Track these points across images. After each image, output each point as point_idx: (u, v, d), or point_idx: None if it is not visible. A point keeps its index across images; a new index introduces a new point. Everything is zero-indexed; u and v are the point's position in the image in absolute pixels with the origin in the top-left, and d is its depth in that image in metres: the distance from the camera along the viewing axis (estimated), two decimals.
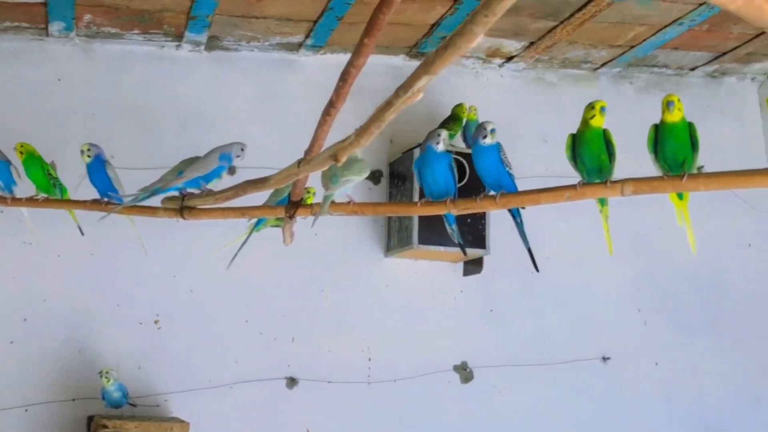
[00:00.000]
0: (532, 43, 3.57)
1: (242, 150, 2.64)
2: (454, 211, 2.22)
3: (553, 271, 3.68)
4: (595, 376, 3.65)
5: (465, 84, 3.79)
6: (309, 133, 3.39)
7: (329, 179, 2.35)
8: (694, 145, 2.07)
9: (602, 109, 2.19)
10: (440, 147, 2.44)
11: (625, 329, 3.71)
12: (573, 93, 3.87)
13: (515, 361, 3.58)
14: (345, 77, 1.62)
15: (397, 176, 3.50)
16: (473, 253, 3.41)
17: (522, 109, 3.80)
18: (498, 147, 2.36)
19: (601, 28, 3.42)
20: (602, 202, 2.25)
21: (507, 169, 2.34)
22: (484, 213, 3.42)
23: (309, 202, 2.64)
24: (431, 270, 3.57)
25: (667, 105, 2.09)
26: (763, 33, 3.58)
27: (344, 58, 3.58)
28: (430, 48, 3.58)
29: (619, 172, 2.27)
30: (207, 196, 2.28)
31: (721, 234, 3.90)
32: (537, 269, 2.75)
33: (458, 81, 3.79)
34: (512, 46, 3.61)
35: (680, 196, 2.12)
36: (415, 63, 3.72)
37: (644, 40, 3.54)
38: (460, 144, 3.56)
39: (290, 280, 3.42)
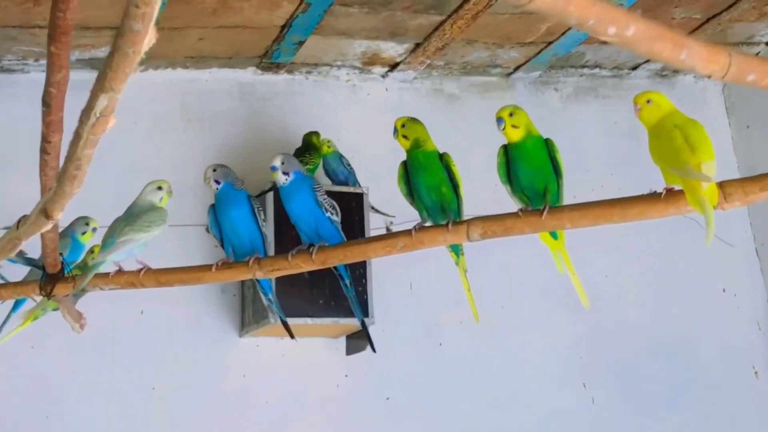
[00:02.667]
0: (418, 45, 3.53)
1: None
2: (260, 274, 2.14)
3: (467, 339, 3.58)
4: None
5: (339, 102, 3.75)
6: (123, 174, 3.32)
7: (103, 242, 2.23)
8: (556, 168, 2.02)
9: (403, 125, 2.19)
10: (282, 178, 2.31)
11: (567, 411, 3.62)
12: (482, 106, 3.82)
13: None
14: (47, 101, 1.50)
15: None
16: (352, 323, 3.28)
17: None
18: (310, 184, 2.32)
19: (503, 21, 3.40)
20: (456, 250, 2.20)
21: (326, 213, 2.29)
22: (364, 268, 3.32)
23: None
24: (304, 350, 3.45)
25: (497, 123, 2.07)
26: (713, 16, 3.57)
27: (171, 74, 3.52)
28: (285, 57, 3.51)
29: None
30: None
31: (687, 279, 3.86)
32: (374, 349, 2.65)
33: (330, 98, 3.74)
34: (393, 49, 3.57)
35: (554, 236, 2.06)
36: (270, 77, 3.66)
37: (562, 34, 3.52)
38: (324, 179, 3.51)
39: (106, 377, 3.26)
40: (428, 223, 2.10)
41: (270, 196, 3.25)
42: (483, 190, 3.07)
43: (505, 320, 3.65)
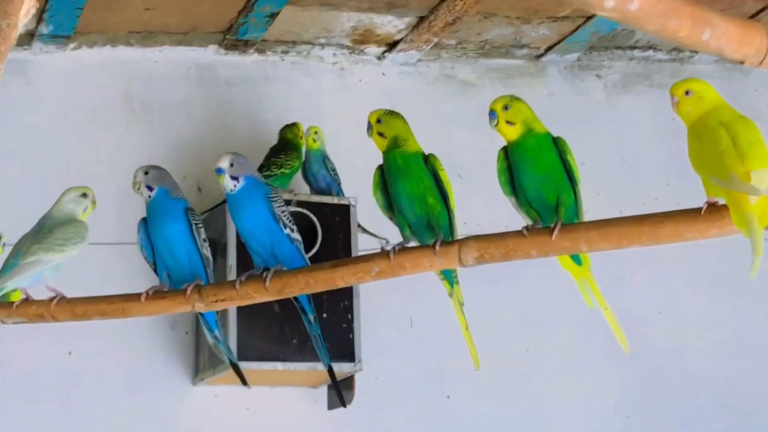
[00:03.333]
0: (422, 19, 3.54)
1: None
2: (202, 306, 2.18)
3: (482, 391, 3.58)
4: None
5: (323, 90, 3.76)
6: (50, 178, 3.32)
7: (5, 263, 2.27)
8: (570, 174, 2.05)
9: (378, 120, 2.23)
10: (230, 184, 2.37)
11: None
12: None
13: None
14: None
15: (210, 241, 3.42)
16: (336, 370, 3.28)
17: (421, 127, 3.70)
18: (265, 192, 2.34)
19: None
20: (449, 278, 2.22)
21: (284, 229, 2.29)
22: (350, 302, 3.33)
23: (12, 298, 2.54)
24: (274, 402, 3.47)
25: (489, 116, 2.13)
26: None
27: (110, 53, 3.55)
28: (254, 32, 3.54)
29: None
30: None
31: (764, 317, 3.83)
32: (344, 404, 2.65)
33: (312, 85, 3.75)
34: (391, 24, 3.58)
35: (576, 260, 2.10)
36: (236, 58, 3.68)
37: None
38: (302, 187, 3.51)
39: None
40: (411, 243, 2.11)
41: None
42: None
43: (530, 367, 3.64)
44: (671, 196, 3.74)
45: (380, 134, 2.24)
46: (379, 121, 2.25)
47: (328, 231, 3.35)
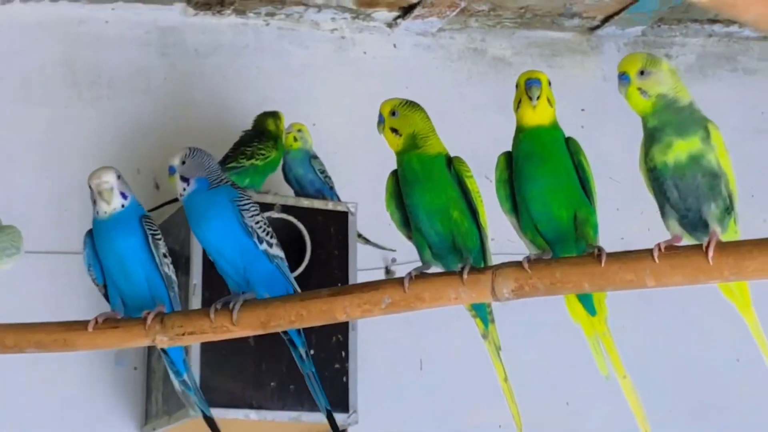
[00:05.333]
0: None
1: None
2: (165, 341, 2.17)
3: None
4: None
5: (319, 64, 3.78)
6: None
7: None
8: (582, 181, 2.11)
9: (392, 112, 2.26)
10: (180, 187, 2.43)
11: None
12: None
13: None
14: None
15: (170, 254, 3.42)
16: (323, 421, 3.30)
17: (440, 114, 3.70)
18: (231, 197, 2.35)
19: None
20: (482, 315, 2.23)
21: (261, 245, 2.31)
22: (345, 337, 3.34)
23: None
24: None
25: (527, 87, 2.22)
26: None
27: (49, 9, 3.55)
28: None
29: None
30: None
31: None
32: None
33: (304, 58, 3.77)
34: None
35: (590, 308, 2.14)
36: (208, 20, 3.69)
37: None
38: (282, 186, 3.53)
39: None
40: (432, 269, 2.12)
41: None
42: None
43: (571, 424, 3.68)
44: (757, 210, 3.77)
45: (394, 130, 2.25)
46: (393, 113, 2.26)
47: (320, 244, 3.35)
